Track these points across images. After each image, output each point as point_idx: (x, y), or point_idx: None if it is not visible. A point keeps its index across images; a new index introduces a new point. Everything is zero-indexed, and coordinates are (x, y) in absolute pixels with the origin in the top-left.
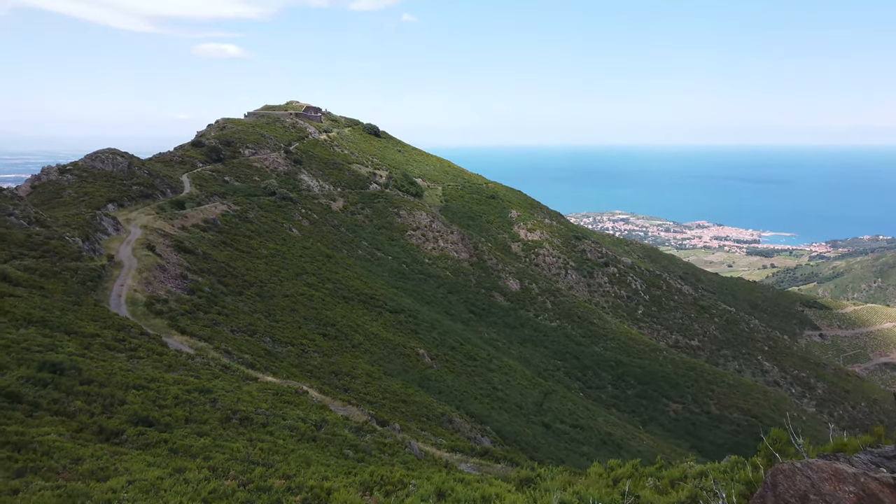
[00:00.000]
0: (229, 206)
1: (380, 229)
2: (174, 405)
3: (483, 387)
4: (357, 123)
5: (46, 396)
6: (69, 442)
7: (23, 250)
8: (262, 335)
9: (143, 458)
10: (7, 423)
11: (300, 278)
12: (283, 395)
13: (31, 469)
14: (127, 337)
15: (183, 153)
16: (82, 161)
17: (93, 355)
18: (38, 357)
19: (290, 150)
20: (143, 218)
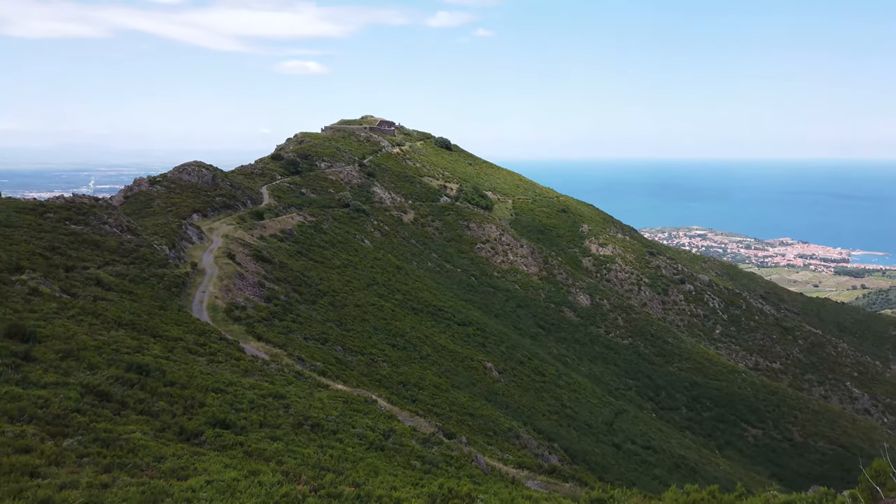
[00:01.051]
0: (305, 217)
1: (449, 241)
2: (250, 409)
3: (551, 403)
4: (429, 137)
5: (133, 396)
6: (153, 441)
7: (115, 257)
8: (334, 344)
9: (220, 460)
10: (97, 420)
11: (371, 289)
12: (353, 404)
13: (118, 465)
14: (207, 342)
15: (263, 166)
16: (171, 173)
17: (176, 358)
18: (126, 358)
19: (363, 163)
20: (224, 227)
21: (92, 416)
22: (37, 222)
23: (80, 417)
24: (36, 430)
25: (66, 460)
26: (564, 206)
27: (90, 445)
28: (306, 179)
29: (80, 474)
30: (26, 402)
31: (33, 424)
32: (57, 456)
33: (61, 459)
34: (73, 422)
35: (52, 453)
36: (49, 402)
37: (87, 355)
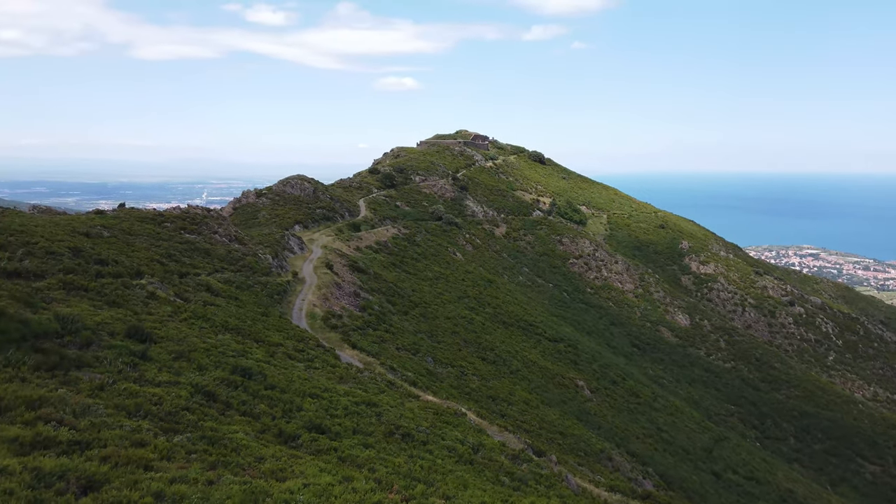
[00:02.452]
0: (399, 229)
1: (541, 256)
2: (344, 415)
3: (646, 426)
4: (522, 151)
5: (237, 398)
6: (254, 441)
7: (224, 264)
8: (425, 355)
9: (315, 463)
10: (205, 419)
11: (462, 301)
12: (443, 416)
13: (222, 463)
14: (306, 348)
15: (360, 179)
16: (275, 186)
17: (276, 363)
18: (231, 361)
19: (457, 176)
20: (323, 238)
21: (200, 415)
22: (155, 231)
23: (189, 415)
24: (150, 426)
25: (177, 456)
26: (663, 222)
27: (198, 443)
28: (401, 192)
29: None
30: (142, 399)
31: (148, 420)
32: (168, 451)
33: (172, 455)
34: (183, 419)
35: (164, 448)
36: (162, 400)
37: (196, 357)
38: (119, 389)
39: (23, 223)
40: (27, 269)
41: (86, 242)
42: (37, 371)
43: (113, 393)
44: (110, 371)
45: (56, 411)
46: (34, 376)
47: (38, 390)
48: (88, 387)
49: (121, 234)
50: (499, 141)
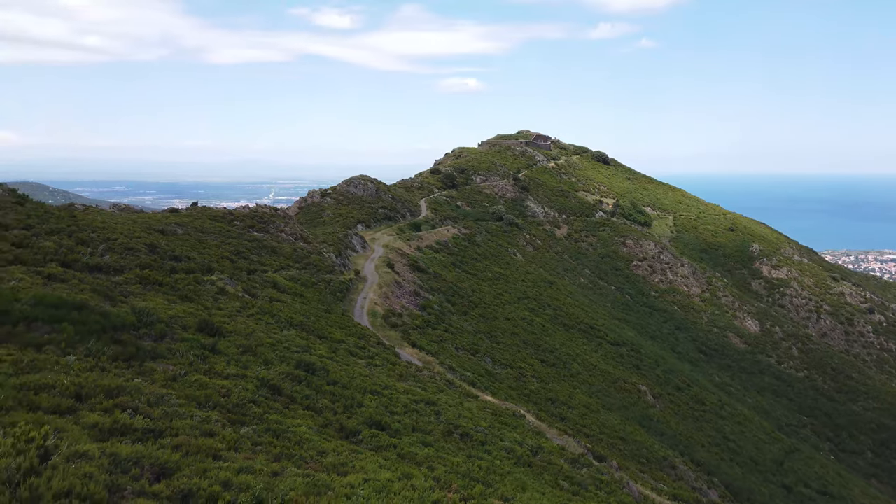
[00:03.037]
0: (460, 229)
1: (604, 258)
2: (403, 413)
3: (712, 434)
4: (585, 151)
5: (300, 392)
6: (316, 435)
7: (289, 262)
8: (483, 355)
9: (375, 459)
10: (270, 412)
11: (521, 303)
12: (501, 417)
13: (286, 455)
14: (367, 345)
15: (422, 179)
16: (340, 186)
17: (338, 359)
18: (296, 356)
19: (518, 177)
20: (385, 238)
21: (265, 408)
22: (225, 229)
23: (255, 408)
24: (218, 417)
25: (243, 447)
26: (732, 224)
27: (263, 435)
28: (462, 193)
29: (255, 461)
30: (212, 391)
31: (217, 411)
32: (235, 442)
33: (239, 445)
34: (250, 412)
35: (231, 439)
36: (230, 392)
37: (262, 351)
38: (190, 381)
39: (104, 220)
40: (107, 264)
41: (161, 239)
42: (115, 361)
43: (184, 384)
44: (182, 363)
45: (132, 400)
46: (112, 366)
47: (116, 380)
48: (162, 377)
49: (193, 232)
50: (561, 141)
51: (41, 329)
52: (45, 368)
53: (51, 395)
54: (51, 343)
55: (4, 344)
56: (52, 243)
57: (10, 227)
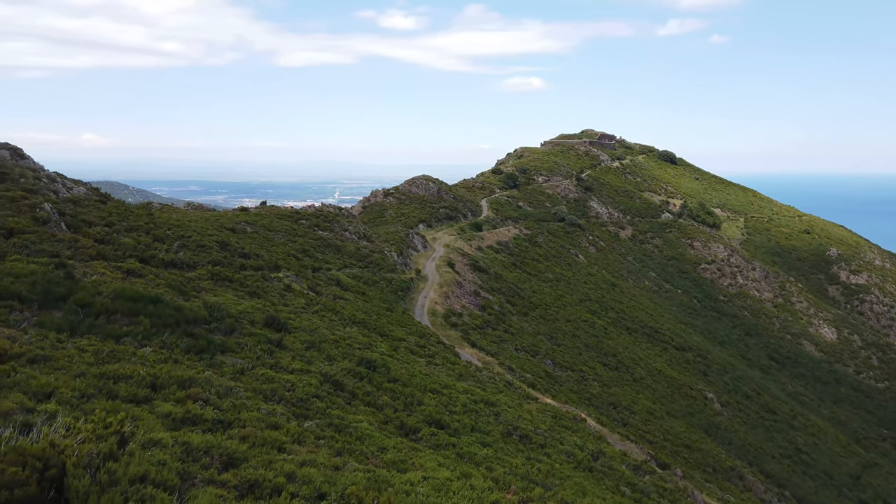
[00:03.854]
0: (521, 230)
1: (669, 260)
2: (462, 412)
3: (783, 445)
4: (651, 150)
5: (362, 388)
6: (377, 431)
7: (352, 261)
8: (544, 357)
9: (434, 458)
10: (332, 407)
11: (583, 304)
12: (562, 420)
13: (347, 450)
14: (427, 344)
15: (483, 179)
16: (402, 186)
17: (399, 357)
18: (358, 353)
19: (581, 177)
20: (446, 237)
21: (328, 403)
22: (292, 227)
23: (318, 403)
24: (284, 410)
25: (306, 440)
26: (808, 227)
27: (326, 429)
28: (523, 193)
29: (317, 454)
30: (277, 385)
31: (282, 405)
32: (299, 435)
33: (302, 439)
34: (313, 406)
35: (295, 432)
36: (295, 387)
37: (326, 347)
38: (257, 374)
39: (179, 219)
40: (181, 261)
41: (231, 237)
42: (187, 354)
43: (252, 377)
44: (249, 357)
45: (203, 391)
46: (185, 358)
47: (188, 371)
48: (231, 370)
49: (262, 230)
50: (626, 140)
51: (120, 321)
52: (123, 359)
53: (128, 385)
54: (129, 335)
55: (87, 335)
56: (131, 240)
57: (93, 224)
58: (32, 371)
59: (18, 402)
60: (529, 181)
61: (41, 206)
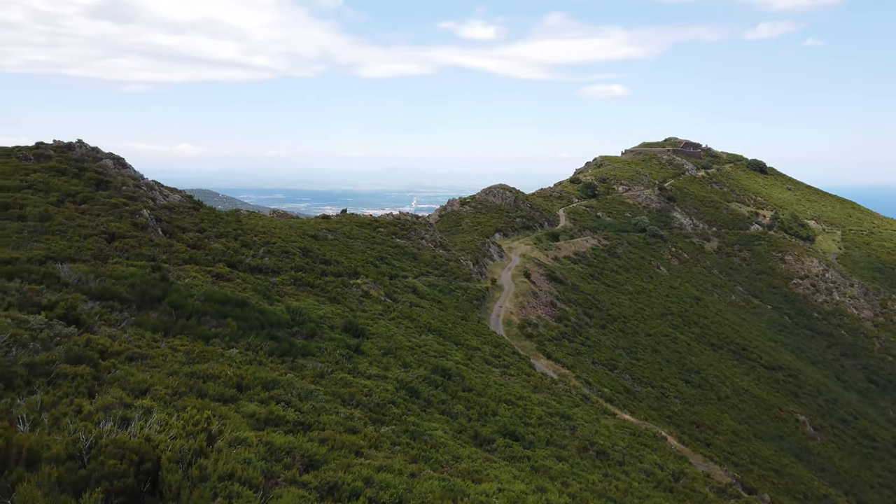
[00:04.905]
0: (599, 240)
1: (758, 274)
2: (537, 425)
3: (884, 475)
4: (740, 159)
5: (437, 396)
6: (451, 440)
7: (428, 269)
8: (622, 372)
9: (509, 470)
10: (408, 414)
11: (665, 318)
12: (641, 437)
13: (422, 457)
14: (502, 354)
15: (561, 189)
16: (479, 195)
17: (473, 366)
18: (433, 361)
19: (664, 187)
20: (522, 247)
21: (404, 409)
22: (370, 235)
23: (394, 409)
24: (361, 415)
25: (383, 445)
26: None
27: (401, 435)
28: (602, 203)
29: (394, 460)
30: (355, 389)
31: (359, 409)
32: (376, 440)
33: (379, 444)
34: (389, 412)
35: (372, 437)
36: (372, 392)
37: (402, 354)
38: (336, 378)
39: (265, 225)
40: (266, 266)
41: (313, 244)
42: (271, 356)
43: (331, 381)
44: (329, 361)
45: (285, 393)
46: (269, 360)
47: (271, 373)
48: (311, 374)
49: (342, 238)
50: (713, 149)
51: (209, 323)
52: (211, 359)
53: (216, 384)
54: (217, 336)
55: (179, 335)
56: (220, 245)
57: (186, 230)
58: (130, 368)
59: (118, 398)
60: (609, 191)
61: (140, 212)
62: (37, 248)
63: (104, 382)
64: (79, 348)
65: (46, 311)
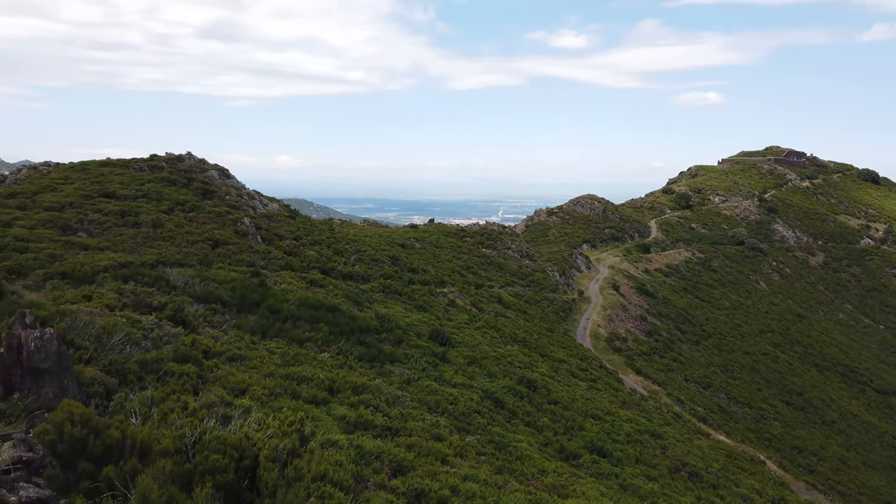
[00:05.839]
0: (693, 252)
1: (870, 292)
2: (626, 442)
3: None
4: (849, 169)
5: (522, 408)
6: (536, 453)
7: (515, 279)
8: (717, 390)
9: (596, 487)
10: (493, 424)
11: (764, 336)
12: (737, 460)
13: (507, 469)
14: (589, 367)
15: (653, 199)
16: (566, 205)
17: (559, 379)
18: (518, 372)
19: (764, 197)
20: (610, 258)
21: (489, 419)
22: (457, 244)
23: (479, 418)
24: (446, 423)
25: (468, 454)
26: None
27: (486, 445)
28: (697, 214)
29: (479, 470)
30: (441, 397)
31: (445, 417)
32: (461, 449)
33: (464, 453)
34: (474, 421)
35: (457, 445)
36: (457, 400)
37: (487, 364)
38: (422, 385)
39: (356, 234)
40: (357, 273)
41: (401, 252)
42: (360, 361)
43: (417, 388)
44: (415, 368)
45: (374, 398)
46: (358, 365)
47: (361, 378)
48: (399, 380)
49: (429, 247)
50: (819, 157)
51: (303, 327)
52: (305, 362)
53: (309, 387)
54: (310, 340)
55: (275, 338)
56: (314, 252)
57: (283, 238)
58: (231, 368)
59: (219, 396)
60: (704, 201)
61: (242, 220)
62: (149, 252)
63: (207, 381)
64: (185, 348)
65: (157, 311)
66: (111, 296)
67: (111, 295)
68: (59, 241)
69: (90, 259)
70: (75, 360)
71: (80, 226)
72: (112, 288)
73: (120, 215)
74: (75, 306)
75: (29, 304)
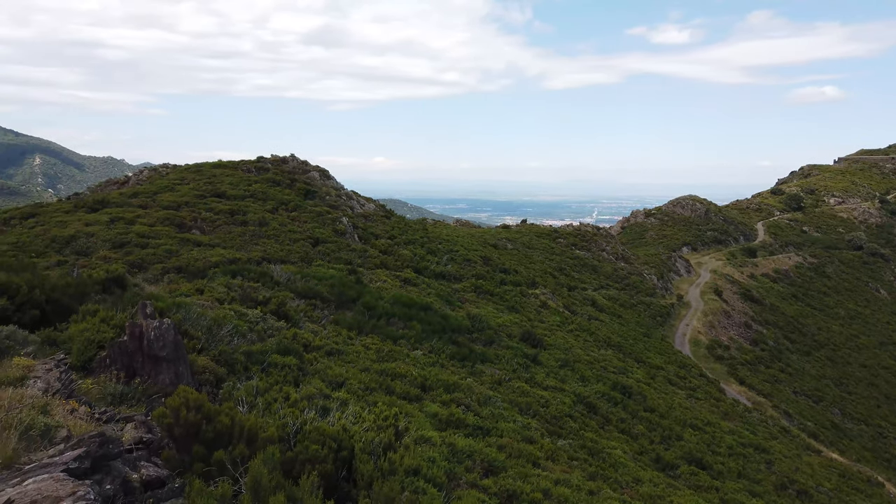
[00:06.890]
0: (805, 257)
1: None
2: (727, 455)
3: None
4: None
5: (616, 414)
6: (631, 461)
7: (609, 281)
8: (830, 405)
9: (694, 500)
10: (585, 429)
11: (885, 348)
12: (851, 480)
13: (601, 475)
14: (688, 375)
15: (760, 200)
16: (665, 206)
17: (656, 386)
18: (612, 377)
19: (886, 199)
20: (712, 262)
21: (581, 424)
22: (549, 246)
23: (571, 423)
24: (538, 425)
25: (559, 458)
26: None
27: (579, 451)
28: (809, 216)
29: (571, 475)
30: (532, 399)
31: (536, 419)
32: (553, 452)
33: (555, 457)
34: (566, 425)
35: (549, 449)
36: (548, 403)
37: (580, 368)
38: (513, 387)
39: (448, 234)
40: (449, 273)
41: (493, 253)
42: (452, 360)
43: (508, 389)
44: (506, 369)
45: (465, 397)
46: (450, 364)
47: (452, 376)
48: (490, 380)
49: (521, 248)
50: None
51: (397, 324)
52: (398, 359)
53: (402, 383)
54: (403, 337)
55: (370, 334)
56: (408, 251)
57: (379, 237)
58: (329, 362)
59: (318, 388)
60: (817, 203)
61: (340, 220)
62: (255, 250)
63: (307, 373)
64: (287, 341)
65: (262, 305)
66: (221, 290)
67: (221, 289)
68: (176, 238)
69: (202, 255)
70: (189, 350)
71: (194, 223)
72: (221, 282)
73: (229, 214)
74: (189, 299)
75: (149, 296)
